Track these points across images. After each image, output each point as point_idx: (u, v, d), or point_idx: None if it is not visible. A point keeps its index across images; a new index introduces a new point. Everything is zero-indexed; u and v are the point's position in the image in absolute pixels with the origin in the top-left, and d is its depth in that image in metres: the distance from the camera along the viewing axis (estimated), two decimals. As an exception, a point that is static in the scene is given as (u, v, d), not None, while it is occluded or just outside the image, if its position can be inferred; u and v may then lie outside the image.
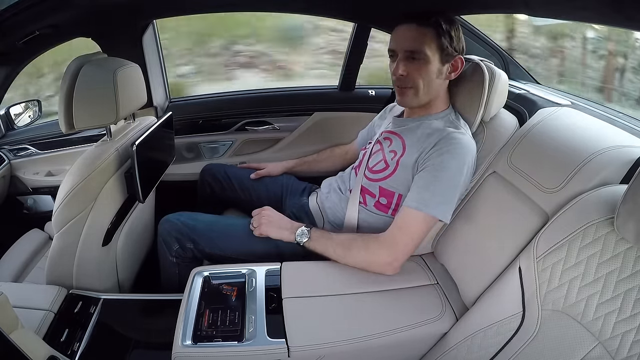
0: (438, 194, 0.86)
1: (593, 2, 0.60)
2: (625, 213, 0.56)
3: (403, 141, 0.99)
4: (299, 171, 1.37)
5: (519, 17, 2.32)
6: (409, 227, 0.88)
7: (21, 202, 1.51)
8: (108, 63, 1.00)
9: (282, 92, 1.68)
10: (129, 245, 1.19)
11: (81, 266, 1.06)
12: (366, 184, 1.02)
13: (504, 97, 1.01)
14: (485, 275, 0.82)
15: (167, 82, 1.57)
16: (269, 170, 1.34)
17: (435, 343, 0.85)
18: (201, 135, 1.60)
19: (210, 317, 0.81)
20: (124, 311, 1.05)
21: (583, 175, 0.72)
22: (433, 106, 1.00)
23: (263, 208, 1.02)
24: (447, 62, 0.94)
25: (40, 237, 1.40)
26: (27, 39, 0.98)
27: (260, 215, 1.00)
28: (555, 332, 0.63)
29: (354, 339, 0.77)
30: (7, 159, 1.44)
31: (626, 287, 0.56)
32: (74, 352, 0.90)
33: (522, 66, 1.35)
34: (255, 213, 1.02)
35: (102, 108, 0.96)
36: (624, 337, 0.55)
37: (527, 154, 0.86)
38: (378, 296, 0.86)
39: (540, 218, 0.76)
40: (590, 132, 0.82)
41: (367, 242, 0.90)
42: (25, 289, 1.12)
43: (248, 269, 0.92)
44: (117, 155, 1.04)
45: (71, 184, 0.96)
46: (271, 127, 1.63)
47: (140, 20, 1.35)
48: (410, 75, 0.92)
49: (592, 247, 0.61)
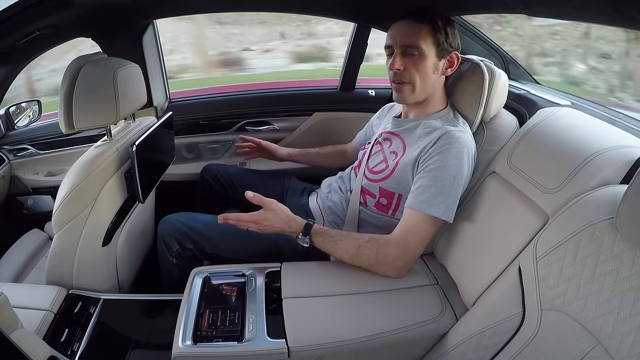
0: (440, 194, 0.86)
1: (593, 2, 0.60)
2: (626, 213, 0.56)
3: (403, 141, 1.00)
4: (299, 160, 1.37)
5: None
6: (417, 230, 0.87)
7: (21, 202, 1.51)
8: (108, 63, 1.00)
9: (282, 92, 1.68)
10: (129, 246, 1.19)
11: (81, 266, 1.06)
12: (366, 185, 1.02)
13: (504, 97, 1.01)
14: (485, 276, 0.82)
15: (167, 82, 1.57)
16: (270, 147, 1.32)
17: (435, 343, 0.85)
18: (201, 135, 1.60)
19: (210, 318, 0.81)
20: (124, 311, 1.05)
21: (583, 176, 0.72)
22: (431, 105, 1.00)
23: (260, 213, 0.89)
24: (443, 57, 0.94)
25: (40, 237, 1.40)
26: (27, 39, 0.98)
27: (260, 221, 0.89)
28: (555, 332, 0.63)
29: (354, 339, 0.77)
30: (7, 159, 1.44)
31: (626, 286, 0.56)
32: (74, 352, 0.90)
33: (522, 66, 1.35)
34: (253, 219, 0.89)
35: (102, 108, 0.96)
36: (624, 336, 0.55)
37: (527, 154, 0.86)
38: (378, 296, 0.86)
39: (540, 218, 0.76)
40: (590, 132, 0.81)
41: (376, 246, 0.87)
42: (25, 289, 1.12)
43: (248, 269, 0.92)
44: (117, 155, 1.04)
45: (71, 184, 0.96)
46: (271, 127, 1.63)
47: (140, 20, 1.35)
48: (407, 70, 0.93)
49: (592, 247, 0.61)
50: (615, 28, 1.42)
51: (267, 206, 0.89)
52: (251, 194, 0.89)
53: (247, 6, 1.45)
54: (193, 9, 1.38)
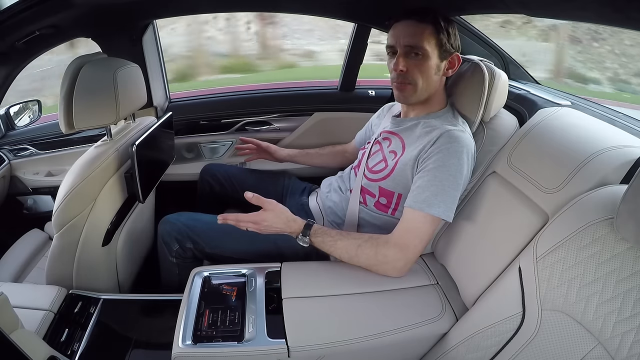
0: (439, 194, 0.86)
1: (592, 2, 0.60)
2: (625, 213, 0.56)
3: (402, 141, 1.00)
4: (299, 160, 1.37)
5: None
6: (417, 229, 0.87)
7: (21, 202, 1.51)
8: (108, 63, 1.00)
9: (282, 92, 1.67)
10: (129, 245, 1.19)
11: (81, 266, 1.06)
12: (366, 184, 1.02)
13: (504, 97, 1.01)
14: (485, 276, 0.82)
15: (167, 82, 1.57)
16: (270, 148, 1.33)
17: (435, 343, 0.85)
18: (201, 135, 1.60)
19: (210, 317, 0.81)
20: (124, 311, 1.05)
21: (583, 176, 0.72)
22: (431, 104, 1.00)
23: (259, 214, 0.88)
24: (445, 58, 0.94)
25: (40, 237, 1.40)
26: (27, 39, 0.98)
27: (260, 222, 0.89)
28: (555, 332, 0.63)
29: (354, 339, 0.77)
30: (7, 159, 1.44)
31: (626, 287, 0.56)
32: (74, 352, 0.90)
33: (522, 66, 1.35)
34: (252, 219, 0.88)
35: (102, 108, 0.96)
36: (624, 337, 0.55)
37: (527, 154, 0.86)
38: (378, 296, 0.86)
39: (540, 218, 0.76)
40: (590, 132, 0.81)
41: (376, 246, 0.87)
42: (25, 289, 1.12)
43: (248, 269, 0.92)
44: (117, 155, 1.04)
45: (71, 184, 0.96)
46: (271, 127, 1.63)
47: (140, 20, 1.35)
48: (410, 71, 0.93)
49: (592, 247, 0.61)
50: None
51: (267, 206, 0.89)
52: (250, 194, 0.89)
53: (247, 6, 1.45)
54: (193, 9, 1.38)
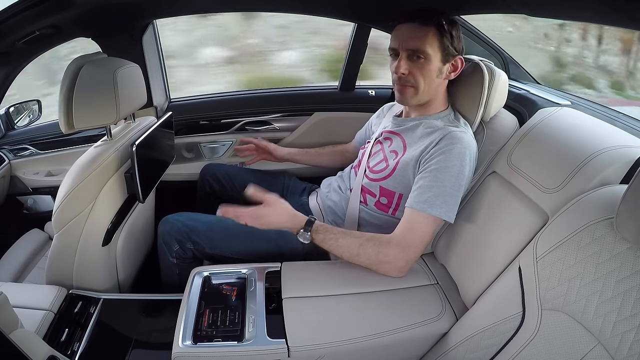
0: (441, 194, 0.86)
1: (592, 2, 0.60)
2: (626, 213, 0.56)
3: (403, 141, 1.00)
4: (299, 160, 1.37)
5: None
6: (418, 229, 0.86)
7: (21, 202, 1.51)
8: (108, 63, 1.00)
9: (282, 92, 1.68)
10: (129, 246, 1.19)
11: (81, 266, 1.06)
12: (367, 184, 1.02)
13: (503, 97, 1.01)
14: (485, 275, 0.82)
15: (167, 82, 1.57)
16: (269, 146, 1.33)
17: (435, 343, 0.85)
18: (201, 135, 1.60)
19: (210, 317, 0.81)
20: (124, 311, 1.05)
21: (583, 175, 0.72)
22: (432, 106, 1.00)
23: (260, 208, 0.87)
24: (448, 61, 0.94)
25: (40, 237, 1.40)
26: (27, 39, 0.98)
27: (260, 216, 0.88)
28: (555, 332, 0.63)
29: (354, 339, 0.77)
30: (7, 159, 1.44)
31: (626, 286, 0.56)
32: (74, 352, 0.91)
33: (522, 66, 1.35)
34: (253, 214, 0.87)
35: (102, 108, 0.96)
36: (624, 336, 0.55)
37: (527, 154, 0.86)
38: (378, 296, 0.86)
39: (540, 218, 0.76)
40: (590, 132, 0.81)
41: (377, 245, 0.87)
42: (25, 289, 1.12)
43: (248, 269, 0.92)
44: (117, 155, 1.04)
45: (71, 184, 0.96)
46: (271, 127, 1.63)
47: (140, 20, 1.35)
48: (412, 74, 0.93)
49: (592, 247, 0.61)
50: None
51: (268, 201, 0.88)
52: (252, 189, 0.88)
53: (247, 6, 1.45)
54: (193, 9, 1.38)
